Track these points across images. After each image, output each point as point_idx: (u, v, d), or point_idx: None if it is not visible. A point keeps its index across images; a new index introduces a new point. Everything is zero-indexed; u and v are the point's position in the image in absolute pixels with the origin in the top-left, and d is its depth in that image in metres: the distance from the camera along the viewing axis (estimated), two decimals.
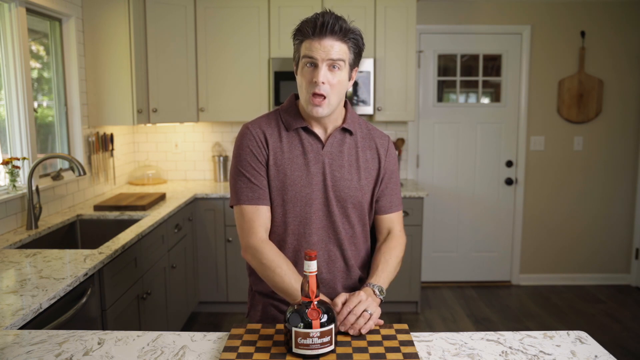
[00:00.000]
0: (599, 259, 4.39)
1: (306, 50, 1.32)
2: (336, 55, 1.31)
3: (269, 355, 1.14)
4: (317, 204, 1.41)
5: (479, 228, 4.37)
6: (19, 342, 1.24)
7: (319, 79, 1.31)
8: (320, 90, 1.32)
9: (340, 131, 1.44)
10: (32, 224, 2.50)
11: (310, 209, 1.40)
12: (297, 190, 1.39)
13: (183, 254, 3.31)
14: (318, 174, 1.41)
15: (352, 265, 1.47)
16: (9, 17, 2.55)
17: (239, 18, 3.70)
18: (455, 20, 4.13)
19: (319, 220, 1.42)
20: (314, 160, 1.41)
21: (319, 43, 1.31)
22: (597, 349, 1.21)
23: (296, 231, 1.41)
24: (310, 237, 1.41)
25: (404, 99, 3.79)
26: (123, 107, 3.33)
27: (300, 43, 1.35)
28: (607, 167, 4.29)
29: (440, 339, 1.25)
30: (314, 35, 1.31)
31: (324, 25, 1.30)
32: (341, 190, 1.42)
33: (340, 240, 1.44)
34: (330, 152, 1.43)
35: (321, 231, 1.42)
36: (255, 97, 3.77)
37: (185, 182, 4.09)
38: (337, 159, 1.43)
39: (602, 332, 3.50)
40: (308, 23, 1.33)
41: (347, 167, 1.43)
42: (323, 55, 1.31)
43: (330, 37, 1.31)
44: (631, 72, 4.18)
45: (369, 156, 1.47)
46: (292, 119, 1.43)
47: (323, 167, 1.41)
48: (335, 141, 1.43)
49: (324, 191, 1.41)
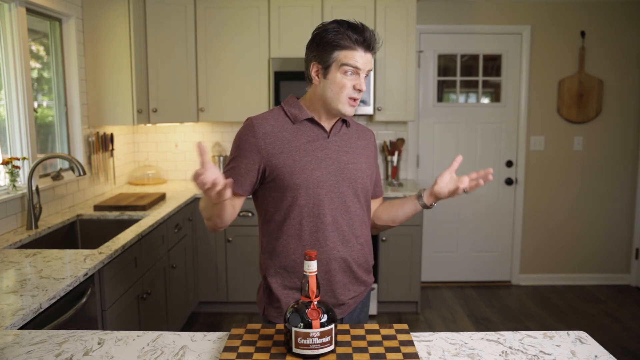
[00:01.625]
0: (599, 259, 4.39)
1: (350, 59, 1.43)
2: (370, 66, 1.48)
3: (269, 355, 1.14)
4: (329, 186, 1.49)
5: (479, 228, 4.37)
6: (19, 342, 1.24)
7: (363, 87, 1.46)
8: (360, 95, 1.48)
9: (340, 122, 1.57)
10: (32, 224, 2.50)
11: (322, 191, 1.48)
12: (308, 174, 1.47)
13: (183, 254, 3.31)
14: (327, 159, 1.50)
15: (362, 244, 1.58)
16: (9, 17, 2.55)
17: (239, 18, 3.70)
18: (455, 20, 4.13)
19: (331, 201, 1.50)
20: (321, 147, 1.51)
21: (363, 55, 1.44)
22: (597, 349, 1.21)
23: (311, 212, 1.49)
24: (324, 218, 1.49)
25: (404, 99, 3.79)
26: (123, 107, 3.33)
27: (335, 49, 1.43)
28: (607, 167, 4.29)
29: (440, 339, 1.25)
30: (360, 47, 1.43)
31: (370, 41, 1.45)
32: (351, 172, 1.53)
33: (352, 220, 1.54)
34: (335, 141, 1.54)
35: (335, 212, 1.51)
36: (255, 97, 3.77)
37: (185, 182, 4.09)
38: (342, 146, 1.55)
39: (602, 332, 3.50)
40: (349, 33, 1.42)
41: (351, 152, 1.56)
42: (365, 67, 1.45)
43: (370, 52, 1.47)
44: (631, 72, 4.18)
45: (363, 144, 1.62)
46: (298, 112, 1.52)
47: (331, 153, 1.51)
48: (337, 131, 1.56)
49: (335, 174, 1.50)
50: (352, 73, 1.45)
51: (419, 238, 3.69)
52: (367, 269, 1.63)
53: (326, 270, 1.51)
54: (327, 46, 1.44)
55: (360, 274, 1.59)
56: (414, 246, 3.68)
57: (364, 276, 1.61)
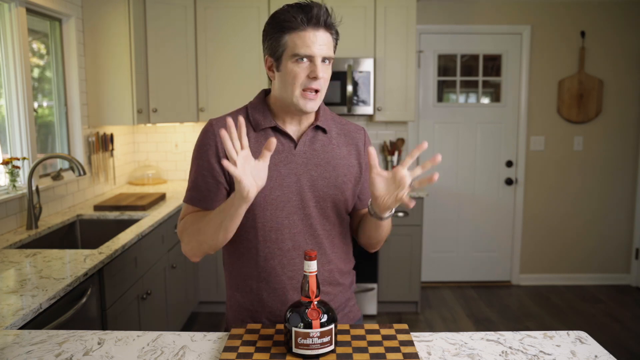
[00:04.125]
0: (599, 259, 4.39)
1: (300, 43, 1.23)
2: (329, 52, 1.26)
3: (269, 355, 1.14)
4: (291, 207, 1.31)
5: (478, 228, 4.37)
6: (19, 342, 1.24)
7: (318, 73, 1.24)
8: (319, 85, 1.26)
9: (313, 129, 1.36)
10: (32, 224, 2.50)
11: (282, 213, 1.30)
12: (266, 194, 1.28)
13: (183, 254, 3.31)
14: (290, 175, 1.31)
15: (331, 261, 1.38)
16: (9, 17, 2.55)
17: (239, 18, 3.70)
18: (455, 20, 4.13)
19: (294, 225, 1.31)
20: (285, 160, 1.31)
21: (314, 35, 1.23)
22: (597, 349, 1.21)
23: (267, 237, 1.31)
24: (282, 244, 1.31)
25: (404, 99, 3.79)
26: (123, 107, 3.33)
27: (283, 34, 1.24)
28: (607, 167, 4.29)
29: (440, 339, 1.25)
30: (308, 25, 1.22)
31: (319, 17, 1.23)
32: (319, 189, 1.33)
33: (320, 242, 1.35)
34: (304, 152, 1.33)
35: (298, 236, 1.32)
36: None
37: (185, 182, 4.09)
38: (312, 158, 1.34)
39: (602, 332, 3.50)
40: (295, 13, 1.23)
41: (324, 165, 1.34)
42: (319, 51, 1.24)
43: (323, 29, 1.24)
44: (631, 72, 4.18)
45: (345, 152, 1.38)
46: (261, 118, 1.33)
47: (296, 168, 1.32)
48: (307, 139, 1.34)
49: (299, 193, 1.31)
50: (305, 59, 1.24)
51: (419, 238, 3.69)
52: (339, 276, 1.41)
53: (282, 301, 1.33)
54: (274, 32, 1.26)
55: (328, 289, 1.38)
56: (414, 246, 3.68)
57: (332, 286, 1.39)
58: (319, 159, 1.35)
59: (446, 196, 4.32)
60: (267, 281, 1.34)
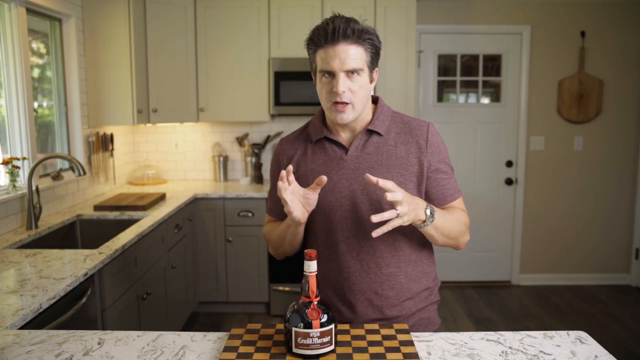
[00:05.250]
0: (599, 259, 4.39)
1: (321, 60, 1.30)
2: (352, 64, 1.28)
3: (269, 355, 1.14)
4: (343, 211, 1.37)
5: (479, 228, 4.37)
6: (19, 342, 1.24)
7: (338, 89, 1.28)
8: (342, 99, 1.29)
9: (365, 133, 1.39)
10: (32, 224, 2.50)
11: (335, 217, 1.38)
12: (320, 199, 1.35)
13: (183, 254, 3.31)
14: (342, 181, 1.37)
15: (391, 274, 1.38)
16: (9, 17, 2.55)
17: (239, 18, 3.70)
18: (455, 20, 4.13)
19: (347, 228, 1.37)
20: (337, 167, 1.38)
21: (333, 50, 1.27)
22: (597, 349, 1.21)
23: (326, 241, 1.41)
24: (337, 246, 1.39)
25: (404, 99, 3.79)
26: (123, 107, 3.33)
27: (315, 53, 1.33)
28: (607, 167, 4.29)
29: (440, 339, 1.25)
30: (326, 43, 1.28)
31: (336, 31, 1.27)
32: (373, 192, 1.35)
33: (375, 247, 1.37)
34: (355, 157, 1.38)
35: (351, 239, 1.38)
36: (255, 97, 3.77)
37: (185, 182, 4.09)
38: (364, 162, 1.37)
39: (602, 332, 3.50)
40: (319, 30, 1.30)
41: (377, 167, 1.36)
42: (339, 65, 1.27)
43: (344, 42, 1.27)
44: (631, 72, 4.18)
45: (404, 151, 1.37)
46: (315, 131, 1.43)
47: (347, 173, 1.37)
48: (360, 144, 1.39)
49: (351, 197, 1.36)
50: (328, 75, 1.30)
51: None
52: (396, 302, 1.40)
53: (349, 303, 1.41)
54: (308, 49, 1.35)
55: (385, 310, 1.39)
56: None
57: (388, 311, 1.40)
58: (371, 162, 1.38)
59: None
60: (329, 282, 1.44)
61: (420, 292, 1.45)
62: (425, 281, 1.45)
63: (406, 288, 1.41)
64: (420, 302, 1.45)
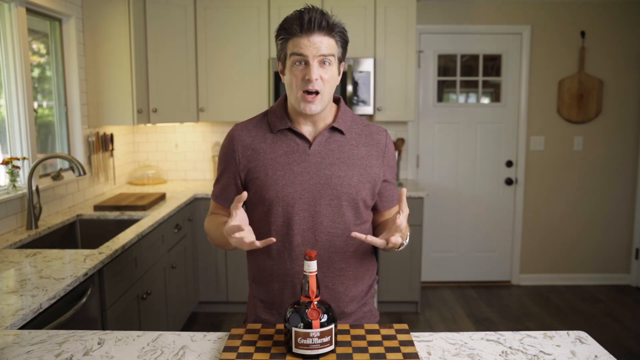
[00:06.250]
0: (599, 259, 4.39)
1: (295, 48, 1.31)
2: (326, 51, 1.31)
3: (269, 355, 1.14)
4: (302, 204, 1.37)
5: (479, 228, 4.37)
6: (19, 342, 1.24)
7: (312, 76, 1.29)
8: (314, 87, 1.30)
9: (329, 130, 1.40)
10: (32, 224, 2.50)
11: (293, 209, 1.36)
12: (278, 190, 1.36)
13: (183, 254, 3.31)
14: (303, 174, 1.37)
15: (342, 269, 1.41)
16: (9, 17, 2.55)
17: (239, 18, 3.70)
18: (455, 20, 4.13)
19: (304, 221, 1.37)
20: (299, 159, 1.38)
21: (307, 40, 1.29)
22: (597, 349, 1.21)
23: (280, 232, 1.38)
24: (292, 238, 1.37)
25: (404, 99, 3.79)
26: (123, 107, 3.33)
27: (286, 41, 1.33)
28: (607, 167, 4.29)
29: (440, 339, 1.25)
30: (301, 32, 1.29)
31: (312, 22, 1.29)
32: (334, 187, 1.37)
33: (329, 243, 1.38)
34: (318, 152, 1.38)
35: (307, 232, 1.37)
36: (255, 97, 3.77)
37: (185, 182, 4.09)
38: (327, 157, 1.38)
39: (602, 332, 3.50)
40: (293, 20, 1.31)
41: (339, 164, 1.38)
42: (314, 52, 1.29)
43: (318, 33, 1.30)
44: (631, 72, 4.18)
45: (365, 152, 1.42)
46: (278, 121, 1.40)
47: (309, 167, 1.37)
48: (323, 140, 1.40)
49: (311, 191, 1.37)
50: (300, 62, 1.31)
51: (419, 238, 3.69)
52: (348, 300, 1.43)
53: (292, 294, 1.39)
54: (278, 39, 1.36)
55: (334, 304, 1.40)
56: (414, 246, 3.68)
57: (341, 307, 1.42)
58: (333, 159, 1.39)
59: (446, 196, 4.32)
60: (279, 274, 1.41)
61: (365, 288, 1.49)
62: (369, 278, 1.50)
63: (354, 284, 1.44)
64: (365, 296, 1.50)
